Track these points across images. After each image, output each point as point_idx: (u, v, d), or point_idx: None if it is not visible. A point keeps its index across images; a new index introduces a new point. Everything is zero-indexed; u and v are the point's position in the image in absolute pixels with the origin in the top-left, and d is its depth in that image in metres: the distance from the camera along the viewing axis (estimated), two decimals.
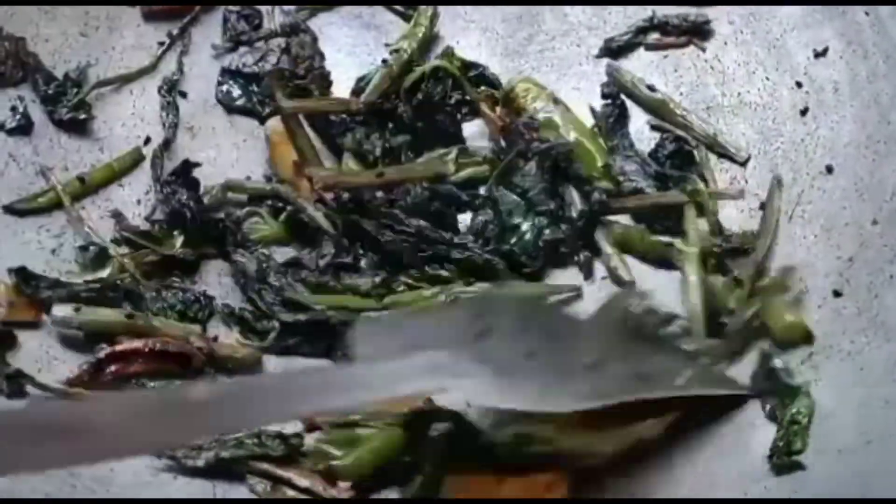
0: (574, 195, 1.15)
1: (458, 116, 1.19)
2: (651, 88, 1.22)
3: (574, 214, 1.14)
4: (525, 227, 1.13)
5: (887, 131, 1.11)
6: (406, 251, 1.10)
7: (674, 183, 1.16)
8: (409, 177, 1.14)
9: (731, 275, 1.09)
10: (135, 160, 1.17)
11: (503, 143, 1.18)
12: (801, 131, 1.16)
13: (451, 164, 1.15)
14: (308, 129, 1.17)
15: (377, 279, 1.09)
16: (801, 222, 1.11)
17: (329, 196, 1.12)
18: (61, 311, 1.05)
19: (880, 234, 1.07)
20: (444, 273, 1.10)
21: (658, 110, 1.21)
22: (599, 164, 1.16)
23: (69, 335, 1.06)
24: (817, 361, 1.02)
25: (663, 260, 1.13)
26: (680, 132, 1.19)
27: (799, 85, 1.17)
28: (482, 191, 1.15)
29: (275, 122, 1.19)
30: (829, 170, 1.12)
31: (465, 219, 1.15)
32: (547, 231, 1.12)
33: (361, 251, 1.12)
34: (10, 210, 1.12)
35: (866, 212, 1.09)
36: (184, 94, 1.22)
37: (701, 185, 1.15)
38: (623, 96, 1.22)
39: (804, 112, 1.16)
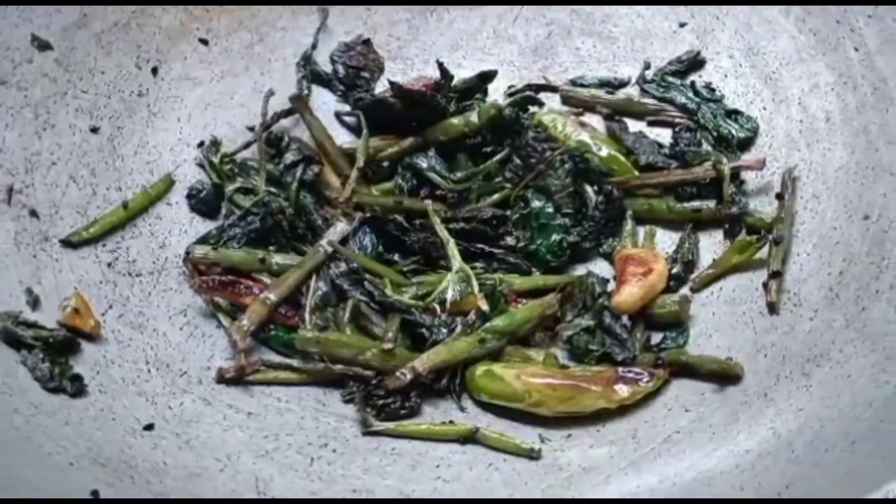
0: (590, 191, 1.17)
1: None
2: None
3: (591, 211, 1.16)
4: (552, 227, 1.15)
5: (874, 158, 1.15)
6: (432, 249, 1.15)
7: (692, 158, 1.18)
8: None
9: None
10: (167, 186, 1.21)
11: (518, 161, 1.19)
12: (796, 157, 1.19)
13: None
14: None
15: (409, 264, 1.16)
16: (796, 241, 1.14)
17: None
18: (201, 249, 1.14)
19: (867, 253, 1.10)
20: (477, 265, 1.15)
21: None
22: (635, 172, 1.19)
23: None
24: (809, 370, 1.05)
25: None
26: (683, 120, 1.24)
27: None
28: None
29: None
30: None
31: None
32: (571, 232, 1.15)
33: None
34: (67, 243, 1.16)
35: (854, 232, 1.12)
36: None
37: (724, 158, 1.17)
38: None
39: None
